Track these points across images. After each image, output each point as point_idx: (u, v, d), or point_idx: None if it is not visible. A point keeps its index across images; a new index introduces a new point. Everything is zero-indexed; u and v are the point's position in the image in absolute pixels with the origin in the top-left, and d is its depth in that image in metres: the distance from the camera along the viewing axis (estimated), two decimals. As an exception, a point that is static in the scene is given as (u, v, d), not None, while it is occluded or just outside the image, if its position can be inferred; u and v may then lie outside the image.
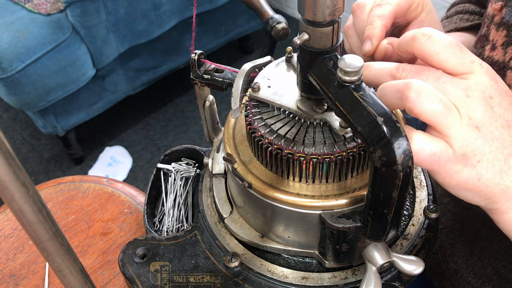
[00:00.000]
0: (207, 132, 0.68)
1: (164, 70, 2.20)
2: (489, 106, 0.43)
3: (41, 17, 1.79)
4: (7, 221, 0.79)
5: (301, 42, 0.46)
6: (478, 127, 0.43)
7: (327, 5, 0.42)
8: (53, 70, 1.80)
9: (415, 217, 0.58)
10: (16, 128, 2.37)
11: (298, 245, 0.55)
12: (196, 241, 0.59)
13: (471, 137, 0.42)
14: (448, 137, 0.42)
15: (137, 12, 1.90)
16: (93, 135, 2.30)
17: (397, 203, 0.43)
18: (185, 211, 0.67)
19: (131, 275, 0.57)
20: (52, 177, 1.95)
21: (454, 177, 0.43)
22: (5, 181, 0.29)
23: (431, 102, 0.42)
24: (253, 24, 2.42)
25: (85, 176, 0.85)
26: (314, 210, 0.50)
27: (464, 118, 0.42)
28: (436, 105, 0.42)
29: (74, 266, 0.38)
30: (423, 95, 0.42)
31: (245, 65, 0.56)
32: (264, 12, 1.04)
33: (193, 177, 0.69)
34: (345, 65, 0.42)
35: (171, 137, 2.28)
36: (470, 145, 0.42)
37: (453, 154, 0.42)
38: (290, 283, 0.54)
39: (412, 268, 0.50)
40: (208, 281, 0.56)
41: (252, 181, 0.52)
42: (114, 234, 0.76)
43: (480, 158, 0.43)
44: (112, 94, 2.10)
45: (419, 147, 0.42)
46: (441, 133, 0.42)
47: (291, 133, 0.50)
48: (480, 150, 0.43)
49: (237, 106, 0.54)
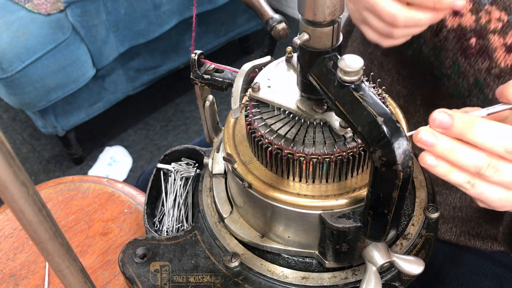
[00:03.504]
0: (207, 132, 0.68)
1: (164, 70, 2.20)
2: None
3: (41, 17, 1.79)
4: (7, 221, 0.79)
5: (301, 42, 0.46)
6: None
7: (327, 5, 0.42)
8: (53, 70, 1.80)
9: (415, 217, 0.58)
10: (16, 128, 2.37)
11: (298, 245, 0.55)
12: (196, 241, 0.59)
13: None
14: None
15: (137, 12, 1.90)
16: (93, 135, 2.30)
17: (397, 203, 0.43)
18: (185, 211, 0.67)
19: (131, 275, 0.57)
20: (52, 177, 1.95)
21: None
22: (5, 181, 0.29)
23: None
24: (253, 24, 2.42)
25: (85, 176, 0.85)
26: (314, 210, 0.50)
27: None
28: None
29: (74, 266, 0.38)
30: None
31: (245, 65, 0.56)
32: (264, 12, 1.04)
33: (193, 177, 0.69)
34: (345, 65, 0.42)
35: (171, 137, 2.28)
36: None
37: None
38: (290, 283, 0.54)
39: (412, 268, 0.50)
40: (208, 281, 0.56)
41: (252, 181, 0.52)
42: (114, 234, 0.76)
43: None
44: (112, 94, 2.09)
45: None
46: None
47: (291, 133, 0.50)
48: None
49: (237, 106, 0.54)
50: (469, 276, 0.78)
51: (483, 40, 0.62)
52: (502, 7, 0.60)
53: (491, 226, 0.79)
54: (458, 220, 0.81)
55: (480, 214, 0.79)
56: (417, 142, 0.43)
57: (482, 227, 0.80)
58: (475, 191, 0.45)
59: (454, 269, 0.79)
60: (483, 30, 0.62)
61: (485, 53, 0.63)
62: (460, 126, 0.42)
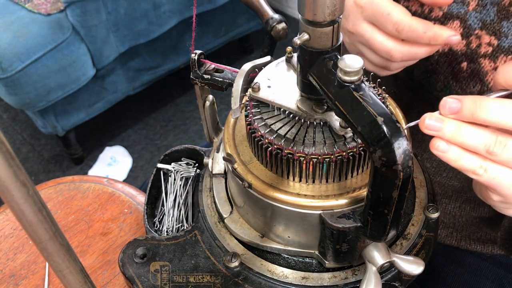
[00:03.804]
0: (207, 132, 0.68)
1: (164, 70, 2.20)
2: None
3: (41, 17, 1.79)
4: (7, 221, 0.79)
5: (301, 42, 0.46)
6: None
7: (327, 5, 0.42)
8: (53, 70, 1.80)
9: (415, 217, 0.58)
10: (16, 128, 2.37)
11: (298, 245, 0.55)
12: (196, 241, 0.59)
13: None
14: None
15: (137, 12, 1.90)
16: (93, 135, 2.30)
17: (397, 203, 0.43)
18: (185, 211, 0.67)
19: (131, 275, 0.57)
20: (52, 177, 1.95)
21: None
22: (5, 181, 0.29)
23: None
24: (253, 24, 2.42)
25: (85, 176, 0.85)
26: (314, 210, 0.50)
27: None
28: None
29: (74, 266, 0.38)
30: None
31: (245, 65, 0.56)
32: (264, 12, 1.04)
33: (193, 177, 0.69)
34: (345, 65, 0.42)
35: (171, 137, 2.28)
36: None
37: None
38: (290, 283, 0.54)
39: (412, 268, 0.50)
40: (208, 281, 0.56)
41: (252, 181, 0.52)
42: (114, 234, 0.76)
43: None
44: (112, 94, 2.10)
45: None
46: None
47: (291, 133, 0.50)
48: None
49: (237, 106, 0.54)
50: (470, 277, 0.78)
51: (474, 64, 0.63)
52: (492, 32, 0.61)
53: (492, 230, 0.79)
54: (458, 225, 0.81)
55: (480, 219, 0.79)
56: (425, 129, 0.44)
57: (483, 231, 0.80)
58: (488, 176, 0.45)
59: (455, 270, 0.79)
60: (474, 54, 0.63)
61: (476, 77, 0.64)
62: (470, 107, 0.43)
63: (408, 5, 0.67)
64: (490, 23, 0.61)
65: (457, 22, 0.63)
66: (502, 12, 0.60)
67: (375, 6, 0.58)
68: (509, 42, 0.60)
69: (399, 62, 0.61)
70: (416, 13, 0.67)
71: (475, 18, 0.62)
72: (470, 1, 0.63)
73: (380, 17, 0.57)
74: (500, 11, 0.60)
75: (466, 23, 0.63)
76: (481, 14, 0.61)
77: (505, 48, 0.60)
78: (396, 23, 0.56)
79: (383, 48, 0.59)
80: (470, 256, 0.80)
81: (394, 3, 0.58)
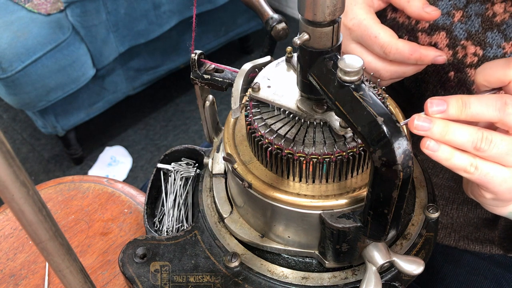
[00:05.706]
0: (207, 132, 0.68)
1: (164, 70, 2.20)
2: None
3: (41, 17, 1.79)
4: (7, 221, 0.79)
5: (301, 42, 0.46)
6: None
7: (327, 5, 0.42)
8: (53, 70, 1.80)
9: (415, 217, 0.58)
10: (16, 128, 2.37)
11: (298, 245, 0.55)
12: (196, 241, 0.59)
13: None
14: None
15: (137, 12, 1.90)
16: (93, 135, 2.30)
17: (397, 203, 0.43)
18: (185, 211, 0.67)
19: (131, 275, 0.57)
20: (52, 177, 1.95)
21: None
22: (5, 181, 0.29)
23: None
24: (253, 24, 2.42)
25: (85, 176, 0.85)
26: (314, 210, 0.50)
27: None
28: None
29: (74, 266, 0.38)
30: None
31: (245, 65, 0.56)
32: (264, 12, 1.04)
33: (193, 177, 0.69)
34: (345, 65, 0.42)
35: (171, 137, 2.28)
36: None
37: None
38: (290, 283, 0.54)
39: (412, 268, 0.50)
40: (208, 281, 0.56)
41: (252, 181, 0.52)
42: (114, 234, 0.76)
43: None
44: (112, 94, 2.10)
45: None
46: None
47: (291, 133, 0.50)
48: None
49: (237, 106, 0.54)
50: (469, 277, 0.78)
51: (461, 73, 0.65)
52: (477, 42, 0.63)
53: (489, 230, 0.79)
54: (456, 225, 0.81)
55: (477, 220, 0.80)
56: (414, 130, 0.45)
57: (481, 231, 0.80)
58: (479, 174, 0.46)
59: (454, 270, 0.79)
60: (460, 64, 0.64)
61: (463, 86, 0.65)
62: (454, 105, 0.45)
63: (396, 17, 0.69)
64: (475, 34, 0.63)
65: (443, 33, 0.65)
66: (486, 23, 0.62)
67: (363, 29, 0.61)
68: (494, 52, 0.62)
69: (388, 80, 0.64)
70: (404, 25, 0.69)
71: (461, 29, 0.64)
72: (455, 12, 0.64)
73: (367, 39, 0.61)
74: (485, 22, 0.62)
75: (452, 34, 0.64)
76: (466, 25, 0.63)
77: (490, 58, 0.62)
78: (383, 45, 0.59)
79: (372, 68, 0.62)
80: (469, 256, 0.81)
81: (382, 25, 0.61)
